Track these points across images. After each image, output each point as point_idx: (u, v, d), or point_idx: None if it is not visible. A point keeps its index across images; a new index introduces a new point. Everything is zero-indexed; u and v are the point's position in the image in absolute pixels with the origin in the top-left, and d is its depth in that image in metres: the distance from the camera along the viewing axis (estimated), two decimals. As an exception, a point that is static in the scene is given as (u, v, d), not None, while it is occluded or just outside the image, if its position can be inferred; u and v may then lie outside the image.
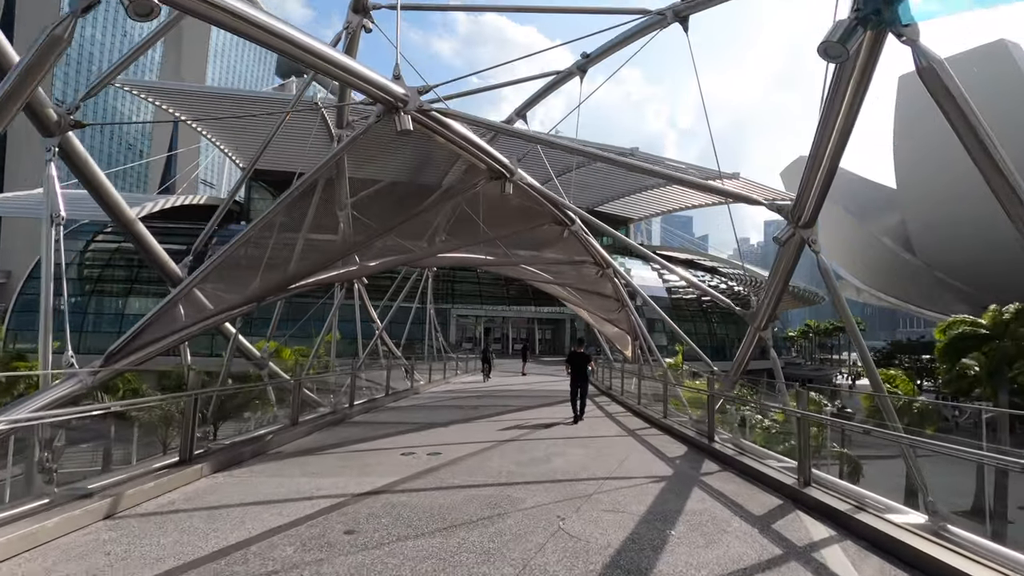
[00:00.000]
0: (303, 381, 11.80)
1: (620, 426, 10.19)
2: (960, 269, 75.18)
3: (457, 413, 11.32)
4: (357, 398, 13.01)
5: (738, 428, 10.73)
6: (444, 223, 11.50)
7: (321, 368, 19.64)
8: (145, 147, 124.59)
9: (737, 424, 9.02)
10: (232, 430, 10.57)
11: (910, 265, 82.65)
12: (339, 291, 12.93)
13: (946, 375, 23.75)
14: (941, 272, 78.67)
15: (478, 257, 12.78)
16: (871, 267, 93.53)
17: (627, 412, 12.61)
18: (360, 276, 11.25)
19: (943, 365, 25.09)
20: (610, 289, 15.24)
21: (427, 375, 19.66)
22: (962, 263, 74.10)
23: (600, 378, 21.70)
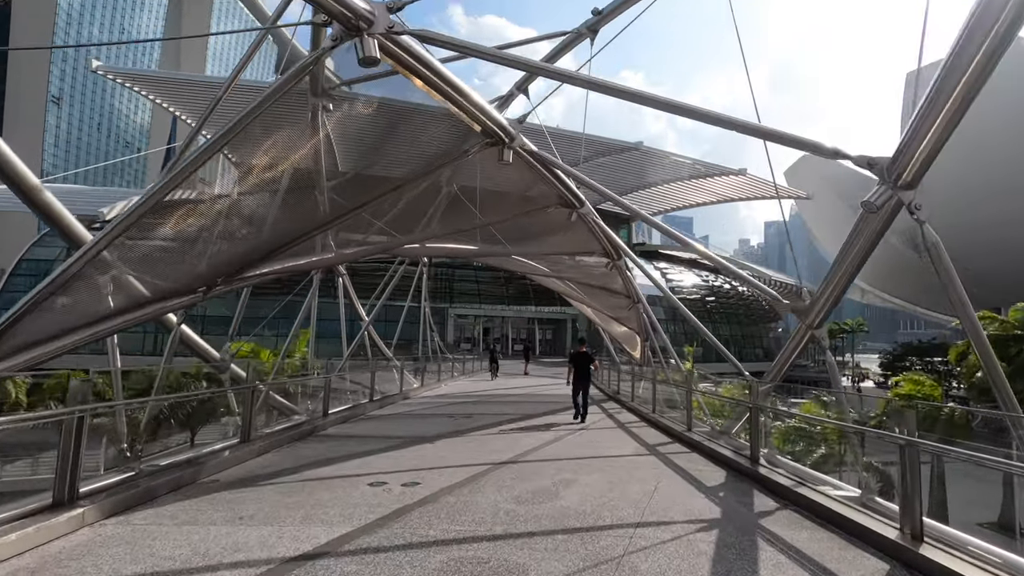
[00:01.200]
0: (265, 386, 10.36)
1: (637, 440, 8.71)
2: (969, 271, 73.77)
3: (448, 423, 9.84)
4: (338, 404, 11.54)
5: (780, 444, 9.27)
6: (436, 206, 10.05)
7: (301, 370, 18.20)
8: (143, 144, 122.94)
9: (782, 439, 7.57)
10: (175, 446, 9.12)
11: (917, 265, 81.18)
12: (316, 278, 11.44)
13: (970, 379, 22.35)
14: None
15: (469, 248, 11.30)
16: (877, 267, 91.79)
17: (641, 421, 11.14)
18: (337, 264, 9.76)
19: (967, 368, 23.62)
20: (619, 284, 13.76)
21: (420, 378, 18.16)
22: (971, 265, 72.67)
23: (606, 381, 20.26)
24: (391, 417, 10.79)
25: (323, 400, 9.55)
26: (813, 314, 6.54)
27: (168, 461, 5.77)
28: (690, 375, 9.48)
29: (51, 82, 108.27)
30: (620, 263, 12.18)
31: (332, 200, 7.84)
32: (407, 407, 12.70)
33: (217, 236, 6.83)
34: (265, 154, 9.90)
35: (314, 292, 12.11)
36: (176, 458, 5.94)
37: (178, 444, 9.65)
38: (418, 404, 13.41)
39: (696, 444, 8.11)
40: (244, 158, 9.27)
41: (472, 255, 13.13)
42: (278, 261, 7.95)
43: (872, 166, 4.51)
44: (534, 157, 7.57)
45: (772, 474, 5.91)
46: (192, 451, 6.25)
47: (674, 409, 12.19)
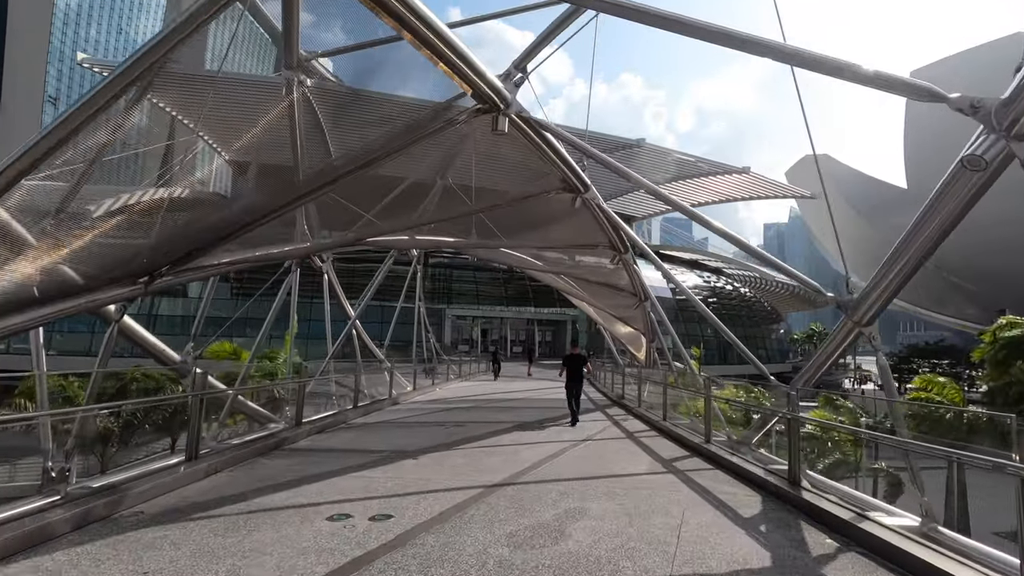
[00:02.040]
0: (233, 391, 9.30)
1: (650, 454, 7.67)
2: (972, 271, 72.76)
3: (437, 434, 8.79)
4: (317, 411, 10.52)
5: (823, 463, 8.24)
6: (429, 198, 9.04)
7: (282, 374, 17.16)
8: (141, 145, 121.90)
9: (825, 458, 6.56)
10: (124, 463, 8.09)
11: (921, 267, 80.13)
12: (295, 273, 10.39)
13: (995, 382, 21.34)
14: (952, 274, 76.26)
15: (461, 240, 10.28)
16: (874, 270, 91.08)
17: (650, 430, 10.12)
18: (312, 253, 8.73)
19: (991, 371, 22.59)
20: (625, 280, 12.73)
21: (413, 381, 17.12)
22: (974, 265, 71.72)
23: (609, 384, 19.23)
24: (375, 426, 9.74)
25: (296, 408, 8.50)
26: (863, 309, 5.52)
27: (100, 483, 4.74)
28: (708, 381, 8.45)
29: (48, 83, 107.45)
30: (627, 257, 11.16)
31: (306, 172, 6.84)
32: (395, 414, 11.65)
33: (164, 207, 5.82)
34: (226, 121, 8.83)
35: (294, 288, 11.07)
36: (107, 480, 4.90)
37: (132, 460, 8.61)
38: (408, 410, 12.37)
39: (717, 459, 7.09)
40: (199, 121, 8.28)
41: (464, 247, 12.07)
42: (242, 246, 6.93)
43: (976, 110, 3.50)
44: (531, 128, 6.55)
45: (819, 500, 4.88)
46: (124, 472, 5.22)
47: (685, 415, 11.18)
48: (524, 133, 6.49)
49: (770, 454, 7.95)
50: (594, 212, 9.30)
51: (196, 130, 11.61)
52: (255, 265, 10.84)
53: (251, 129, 7.47)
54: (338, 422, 9.74)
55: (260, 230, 7.34)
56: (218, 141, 11.09)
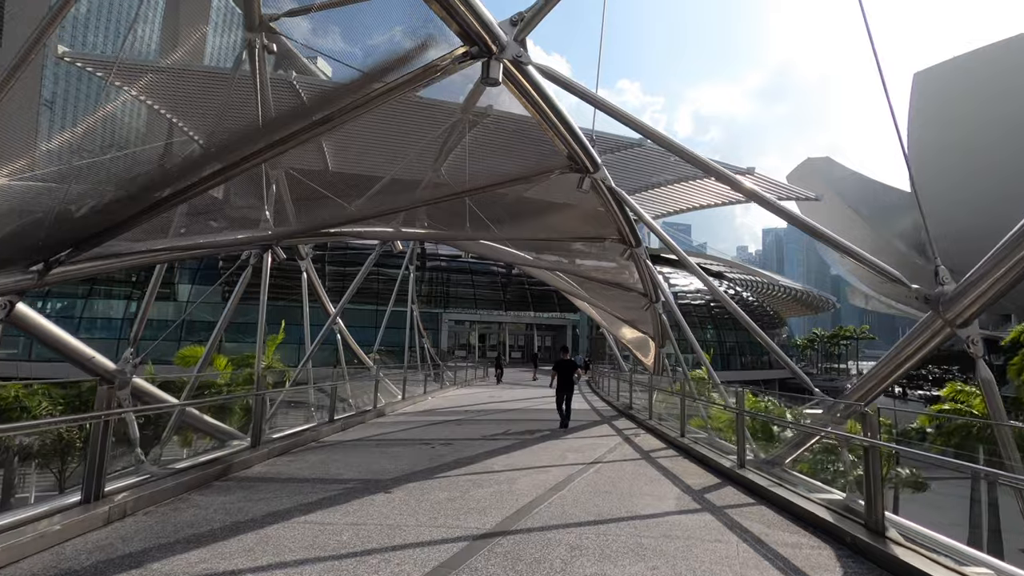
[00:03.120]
0: (180, 404, 7.99)
1: (674, 481, 6.36)
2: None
3: (420, 456, 7.48)
4: (284, 426, 9.23)
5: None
6: (415, 187, 7.85)
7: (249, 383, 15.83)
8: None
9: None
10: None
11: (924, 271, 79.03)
12: (267, 264, 9.06)
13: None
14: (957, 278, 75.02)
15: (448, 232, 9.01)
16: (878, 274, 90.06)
17: (667, 447, 8.84)
18: (277, 242, 7.45)
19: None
20: (634, 279, 11.46)
21: (403, 389, 15.79)
22: (980, 269, 70.49)
23: (614, 392, 17.94)
24: (350, 445, 8.42)
25: (253, 426, 7.18)
26: (962, 306, 4.27)
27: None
28: (741, 395, 7.16)
29: (44, 85, 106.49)
30: (639, 251, 9.89)
31: (267, 119, 5.61)
32: (378, 428, 10.34)
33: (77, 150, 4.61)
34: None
35: (263, 284, 9.78)
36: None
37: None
38: (393, 424, 11.05)
39: (758, 489, 5.80)
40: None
41: (454, 240, 10.74)
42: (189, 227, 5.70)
43: (928, 301, 2.30)
44: (531, 82, 5.31)
45: (928, 566, 3.58)
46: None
47: (699, 427, 9.90)
48: (521, 88, 5.23)
49: (813, 479, 6.69)
50: (604, 197, 8.04)
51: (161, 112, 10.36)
52: (223, 255, 9.56)
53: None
54: (308, 440, 8.42)
55: (211, 206, 6.09)
56: (182, 118, 9.85)
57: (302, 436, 8.47)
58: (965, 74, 69.09)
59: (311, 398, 12.07)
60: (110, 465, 4.91)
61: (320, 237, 8.87)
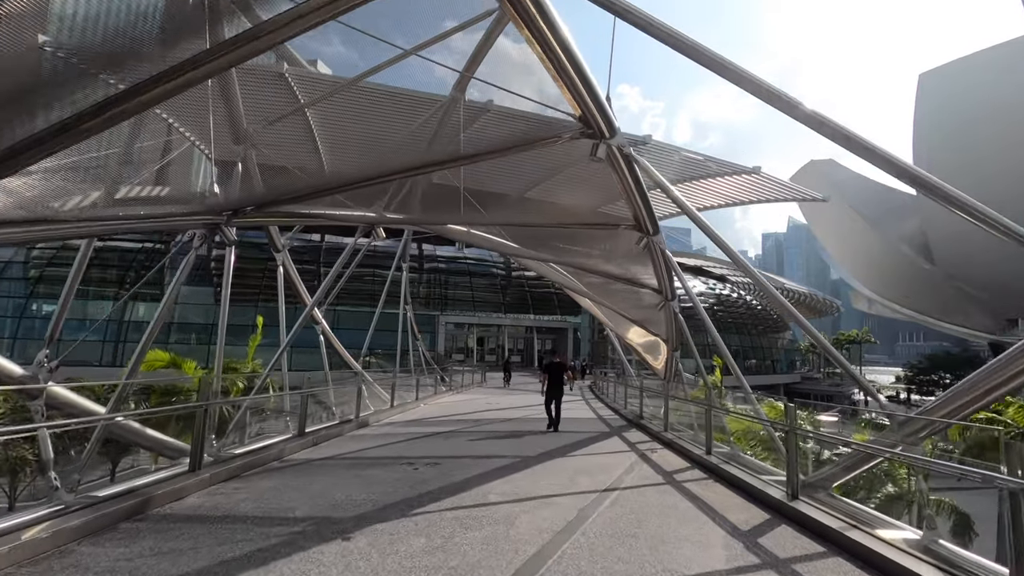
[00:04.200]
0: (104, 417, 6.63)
1: (716, 520, 5.04)
2: (983, 279, 70.43)
3: (399, 481, 6.16)
4: (261, 437, 7.95)
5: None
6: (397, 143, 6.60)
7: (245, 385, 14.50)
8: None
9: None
10: None
11: (928, 275, 78.06)
12: (230, 258, 7.73)
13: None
14: (963, 282, 73.94)
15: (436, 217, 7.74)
16: (885, 277, 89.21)
17: (692, 467, 7.54)
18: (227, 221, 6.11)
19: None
20: (649, 272, 10.17)
21: (391, 395, 14.46)
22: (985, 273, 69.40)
23: (621, 400, 16.62)
24: (317, 466, 7.09)
25: (193, 444, 5.86)
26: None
27: None
28: (791, 411, 5.85)
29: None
30: (657, 239, 8.59)
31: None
32: (356, 443, 9.00)
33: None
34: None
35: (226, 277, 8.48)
36: None
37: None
38: (376, 436, 9.72)
39: (829, 534, 4.49)
40: None
41: (442, 226, 9.33)
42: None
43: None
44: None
45: None
46: None
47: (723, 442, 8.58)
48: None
49: (871, 509, 5.41)
50: (620, 172, 6.75)
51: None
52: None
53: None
54: (269, 459, 7.10)
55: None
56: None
57: (262, 454, 7.15)
58: (972, 75, 68.12)
59: (286, 406, 10.78)
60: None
61: (286, 219, 7.57)
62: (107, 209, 4.98)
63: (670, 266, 9.66)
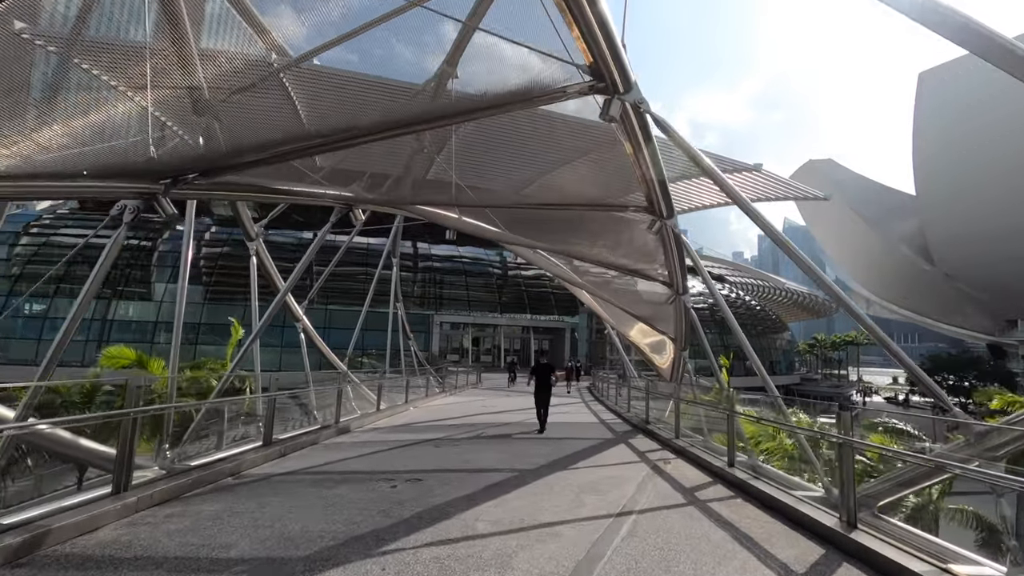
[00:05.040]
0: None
1: (759, 555, 4.04)
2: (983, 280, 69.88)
3: (371, 505, 5.12)
4: (213, 450, 6.91)
5: None
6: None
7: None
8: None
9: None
10: None
11: (928, 276, 77.52)
12: (187, 249, 6.81)
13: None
14: (963, 283, 73.37)
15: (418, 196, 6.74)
16: (885, 277, 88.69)
17: (715, 481, 6.55)
18: (165, 191, 5.06)
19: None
20: (659, 261, 9.17)
21: (377, 398, 13.41)
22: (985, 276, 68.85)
23: (624, 402, 15.63)
24: (277, 483, 6.04)
25: (119, 458, 4.81)
26: None
27: None
28: (847, 420, 4.87)
29: (34, 86, 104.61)
30: (671, 224, 7.59)
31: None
32: (330, 454, 7.95)
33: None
34: None
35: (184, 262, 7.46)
36: None
37: None
38: (354, 446, 8.68)
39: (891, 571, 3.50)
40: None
41: (427, 207, 8.22)
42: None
43: None
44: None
45: None
46: None
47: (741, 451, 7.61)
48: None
49: (935, 536, 4.43)
50: (633, 139, 5.75)
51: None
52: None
53: None
54: (222, 474, 6.05)
55: None
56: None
57: (216, 468, 6.10)
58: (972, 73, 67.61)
59: (259, 409, 9.73)
60: None
61: (243, 193, 6.51)
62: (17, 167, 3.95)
63: (682, 255, 8.67)
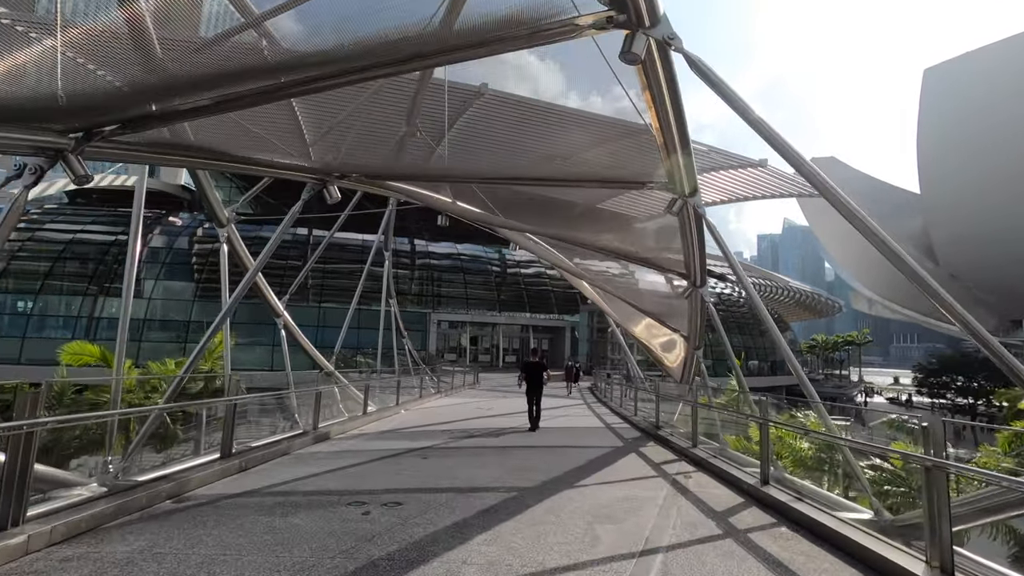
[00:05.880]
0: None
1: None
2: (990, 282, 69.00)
3: (331, 539, 4.08)
4: (168, 462, 5.89)
5: None
6: None
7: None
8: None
9: None
10: None
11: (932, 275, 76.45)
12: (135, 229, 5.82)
13: None
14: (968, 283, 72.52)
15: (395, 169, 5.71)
16: (888, 277, 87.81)
17: (749, 502, 5.52)
18: (58, 137, 4.01)
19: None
20: (675, 247, 8.12)
21: (363, 401, 12.37)
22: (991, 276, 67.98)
23: (631, 405, 14.61)
24: (225, 508, 5.00)
25: (6, 480, 3.77)
26: None
27: None
28: (937, 434, 3.83)
29: None
30: (694, 202, 6.55)
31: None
32: (298, 468, 6.89)
33: None
34: None
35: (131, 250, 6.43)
36: None
37: None
38: (328, 458, 7.63)
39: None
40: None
41: (403, 176, 7.10)
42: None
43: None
44: None
45: None
46: None
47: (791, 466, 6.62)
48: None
49: None
50: (654, 85, 4.71)
51: None
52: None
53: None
54: (157, 498, 5.00)
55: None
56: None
57: (155, 488, 5.06)
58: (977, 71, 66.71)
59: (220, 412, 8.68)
60: None
61: (176, 156, 5.40)
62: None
63: (703, 241, 7.61)
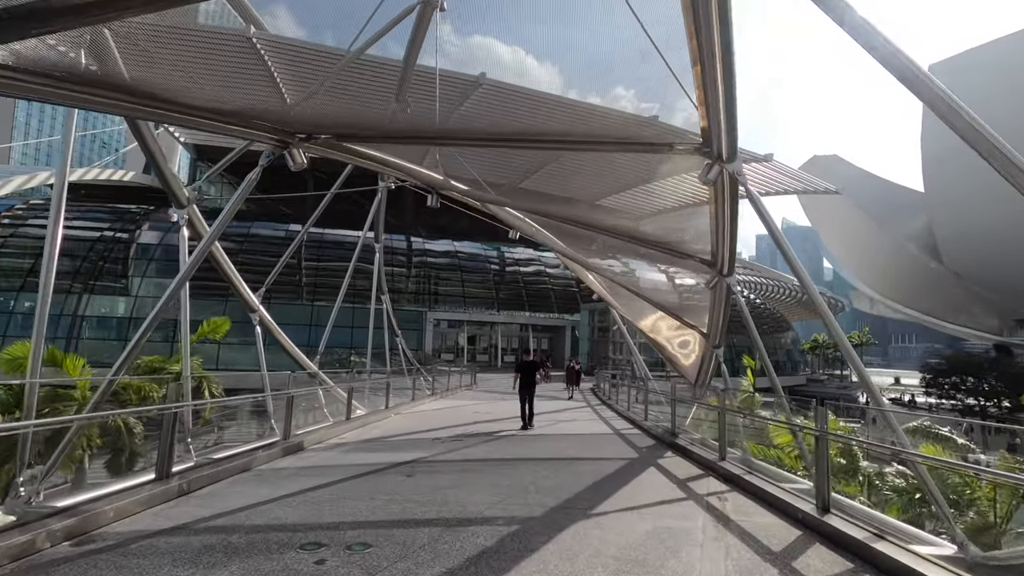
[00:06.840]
0: None
1: None
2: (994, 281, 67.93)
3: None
4: (107, 482, 4.70)
5: None
6: None
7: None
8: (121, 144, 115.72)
9: None
10: None
11: (935, 274, 75.58)
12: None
13: None
14: (971, 282, 71.44)
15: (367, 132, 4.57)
16: (891, 276, 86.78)
17: (811, 537, 4.34)
18: None
19: None
20: (701, 229, 6.95)
21: (347, 405, 11.17)
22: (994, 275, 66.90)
23: (640, 409, 13.43)
24: (137, 556, 3.81)
25: None
26: None
27: None
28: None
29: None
30: (732, 169, 5.35)
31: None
32: (254, 491, 5.70)
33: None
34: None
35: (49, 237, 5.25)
36: None
37: None
38: (295, 475, 6.44)
39: None
40: None
41: (382, 143, 5.96)
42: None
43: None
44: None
45: None
46: None
47: (853, 489, 5.45)
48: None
49: None
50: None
51: None
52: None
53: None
54: (53, 537, 3.83)
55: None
56: None
57: (50, 526, 3.89)
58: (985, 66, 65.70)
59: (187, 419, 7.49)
60: None
61: (92, 96, 4.20)
62: None
63: (735, 219, 6.43)
